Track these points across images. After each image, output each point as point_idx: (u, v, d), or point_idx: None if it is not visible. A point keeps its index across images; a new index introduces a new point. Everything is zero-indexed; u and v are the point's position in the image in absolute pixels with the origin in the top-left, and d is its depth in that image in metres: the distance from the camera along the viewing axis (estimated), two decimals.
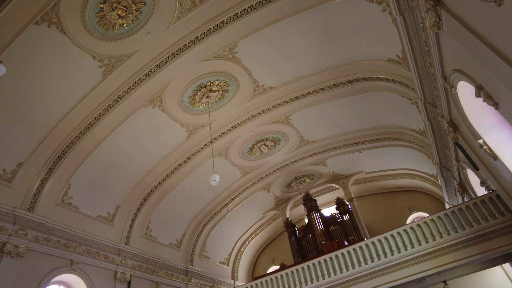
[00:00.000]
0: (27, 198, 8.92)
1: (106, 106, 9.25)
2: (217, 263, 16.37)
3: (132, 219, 12.02)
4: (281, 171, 14.82)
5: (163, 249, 13.31)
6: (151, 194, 12.28)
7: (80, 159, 9.86)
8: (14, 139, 8.57)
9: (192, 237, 14.70)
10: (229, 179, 14.10)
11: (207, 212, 14.81)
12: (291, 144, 13.28)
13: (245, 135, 12.23)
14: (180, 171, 12.30)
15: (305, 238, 15.20)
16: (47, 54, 7.74)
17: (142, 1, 7.44)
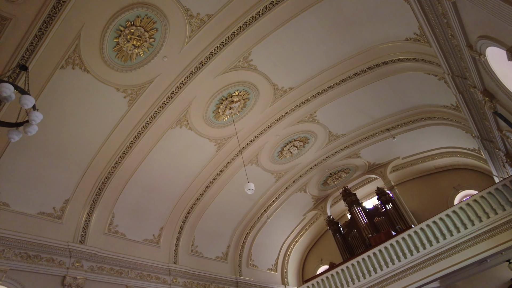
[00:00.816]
0: (78, 232, 9.42)
1: (136, 133, 9.63)
2: (266, 270, 16.34)
3: (177, 238, 12.30)
4: (314, 170, 14.64)
5: (211, 263, 13.49)
6: (191, 211, 12.53)
7: (119, 187, 10.29)
8: (58, 178, 9.12)
9: (236, 248, 14.80)
10: (264, 185, 14.11)
11: (247, 221, 14.87)
12: (320, 141, 13.10)
13: (273, 140, 12.23)
14: (215, 184, 12.48)
15: (351, 234, 14.86)
16: (75, 94, 8.21)
17: (153, 28, 7.72)
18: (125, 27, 7.53)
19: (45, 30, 6.80)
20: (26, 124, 4.64)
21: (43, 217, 8.93)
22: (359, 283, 10.64)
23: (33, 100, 4.44)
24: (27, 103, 4.39)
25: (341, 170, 15.54)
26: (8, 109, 7.46)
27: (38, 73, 7.40)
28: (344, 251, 14.69)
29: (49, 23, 6.73)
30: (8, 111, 7.47)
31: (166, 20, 7.63)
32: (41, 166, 8.77)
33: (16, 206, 8.48)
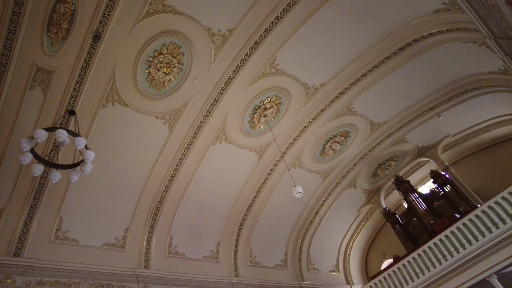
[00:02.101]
0: (141, 257, 9.88)
1: (180, 155, 10.00)
2: (328, 272, 15.99)
3: (234, 251, 12.46)
4: (361, 163, 14.20)
5: (271, 271, 13.46)
6: (243, 223, 12.66)
7: (173, 209, 10.70)
8: (116, 209, 9.70)
9: (294, 253, 14.67)
10: (311, 186, 13.91)
11: (301, 225, 14.72)
12: (362, 132, 12.71)
13: (313, 139, 12.07)
14: (262, 193, 12.52)
15: (411, 223, 14.13)
16: (119, 128, 8.74)
17: (180, 52, 8.02)
18: (154, 57, 7.92)
19: (84, 75, 7.35)
20: (81, 164, 5.00)
21: (108, 247, 9.49)
22: (429, 274, 10.02)
23: (84, 140, 4.78)
24: (80, 144, 4.73)
25: (390, 158, 14.92)
26: (63, 152, 8.09)
27: (84, 114, 7.99)
28: (407, 242, 13.98)
29: (86, 68, 7.27)
30: (64, 154, 8.11)
31: (190, 43, 7.91)
32: (99, 200, 9.39)
33: (84, 241, 9.11)
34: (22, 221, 8.26)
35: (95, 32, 6.85)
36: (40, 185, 8.34)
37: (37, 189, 8.32)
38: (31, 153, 4.79)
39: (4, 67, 6.83)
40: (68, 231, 8.94)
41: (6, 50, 6.67)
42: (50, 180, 5.14)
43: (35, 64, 7.03)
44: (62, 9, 6.52)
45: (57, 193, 8.68)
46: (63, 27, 6.72)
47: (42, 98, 7.47)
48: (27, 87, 7.22)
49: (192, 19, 7.52)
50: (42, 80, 7.28)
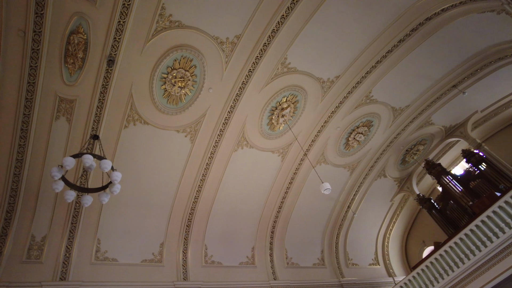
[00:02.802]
0: (179, 270, 10.04)
1: (205, 165, 10.13)
2: (367, 266, 15.62)
3: (270, 254, 12.42)
4: (388, 151, 13.82)
5: (310, 271, 13.31)
6: (275, 226, 12.62)
7: (204, 220, 10.83)
8: (149, 225, 9.94)
9: (330, 250, 14.44)
10: (339, 181, 13.68)
11: (334, 222, 14.49)
12: (385, 120, 12.38)
13: (335, 133, 11.89)
14: (290, 193, 12.44)
15: (448, 207, 13.56)
16: (143, 146, 8.97)
17: (192, 65, 8.15)
18: (168, 73, 8.09)
19: (103, 99, 7.61)
20: (110, 185, 5.16)
21: (147, 263, 9.72)
22: (476, 258, 9.54)
23: (110, 163, 4.94)
24: (106, 167, 4.89)
25: (417, 143, 14.45)
26: (93, 176, 8.40)
27: (108, 137, 8.27)
28: (446, 227, 13.42)
29: (104, 92, 7.53)
30: (94, 177, 8.41)
31: (200, 55, 8.02)
32: (132, 218, 9.65)
33: (123, 259, 9.37)
34: (64, 246, 8.62)
35: (109, 57, 7.09)
36: (76, 210, 8.69)
37: (73, 214, 8.69)
38: (63, 180, 5.00)
39: (31, 102, 7.20)
40: (107, 252, 9.24)
41: (30, 86, 7.04)
42: (83, 205, 5.34)
43: (57, 96, 7.38)
44: (76, 39, 6.80)
45: (92, 216, 9.02)
46: (79, 57, 7.00)
47: (68, 126, 7.81)
48: (53, 118, 7.59)
49: (200, 31, 7.63)
50: (65, 110, 7.62)
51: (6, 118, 7.38)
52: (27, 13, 6.32)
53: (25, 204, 8.31)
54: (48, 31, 6.57)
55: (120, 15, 6.75)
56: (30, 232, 8.45)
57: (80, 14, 6.62)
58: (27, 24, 6.42)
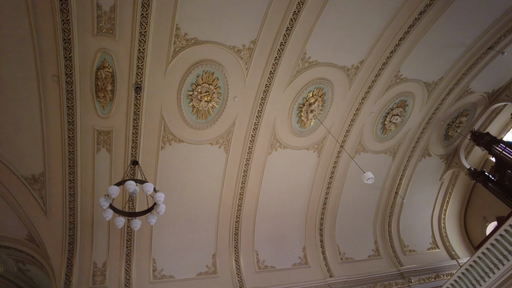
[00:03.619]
0: (234, 279, 10.18)
1: (242, 173, 10.24)
2: (426, 251, 14.90)
3: (322, 252, 12.24)
4: (428, 129, 13.15)
5: (366, 264, 12.94)
6: (322, 223, 12.43)
7: (250, 226, 10.92)
8: (199, 239, 10.22)
9: (384, 240, 13.96)
10: (382, 168, 13.22)
11: (383, 210, 14.01)
12: (419, 97, 11.81)
13: (369, 120, 11.52)
14: (333, 188, 12.20)
15: (505, 177, 12.60)
16: (181, 164, 9.28)
17: (214, 78, 8.31)
18: (193, 90, 8.30)
19: (137, 126, 7.98)
20: (155, 206, 5.37)
21: (202, 276, 9.96)
22: None
23: (151, 185, 5.15)
24: (149, 189, 5.10)
25: (458, 115, 13.62)
26: (140, 199, 8.79)
27: (147, 161, 8.64)
28: (507, 198, 12.47)
29: (137, 119, 7.90)
30: (140, 201, 8.80)
31: (221, 67, 8.16)
32: (182, 234, 9.96)
33: (179, 275, 9.68)
34: (123, 269, 9.08)
35: (136, 85, 7.44)
36: (128, 234, 9.14)
37: (127, 238, 9.14)
38: (111, 208, 5.28)
39: (73, 139, 7.71)
40: (163, 270, 9.59)
41: (70, 125, 7.55)
42: (133, 228, 5.61)
43: (95, 129, 7.84)
44: (103, 74, 7.20)
45: (144, 237, 9.43)
46: (108, 89, 7.40)
47: (109, 156, 8.26)
48: (94, 151, 8.07)
49: (216, 44, 7.77)
50: (104, 141, 8.07)
51: (55, 156, 7.97)
52: (57, 59, 6.80)
53: (83, 235, 8.87)
54: (77, 71, 7.03)
55: (139, 43, 7.06)
56: (91, 259, 8.99)
57: (103, 50, 7.01)
58: (59, 69, 6.91)
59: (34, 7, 6.22)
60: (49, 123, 7.59)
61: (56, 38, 6.60)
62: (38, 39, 6.59)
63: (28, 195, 8.36)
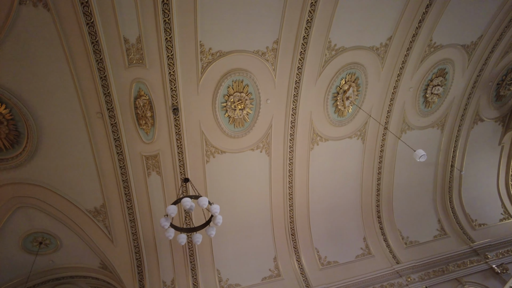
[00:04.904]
0: (299, 279, 10.13)
1: (288, 173, 10.21)
2: (498, 223, 13.85)
3: (384, 239, 11.83)
4: (476, 93, 12.30)
5: (433, 245, 12.29)
6: (379, 210, 12.03)
7: (306, 225, 10.83)
8: (257, 244, 10.35)
9: (448, 217, 13.19)
10: (432, 142, 12.55)
11: (441, 186, 13.26)
12: (459, 62, 11.10)
13: (409, 95, 11.02)
14: (384, 173, 11.78)
15: None
16: (227, 174, 9.51)
17: (244, 85, 8.41)
18: (226, 101, 8.47)
19: (181, 145, 8.31)
20: (212, 219, 5.51)
21: (267, 281, 10.02)
22: None
23: (206, 199, 5.31)
24: (204, 203, 5.26)
25: (508, 72, 12.57)
26: (197, 215, 9.08)
27: (196, 176, 8.94)
28: None
29: (179, 139, 8.24)
30: (197, 216, 9.08)
31: (248, 73, 8.24)
32: (240, 242, 10.12)
33: (245, 283, 9.84)
34: (191, 284, 9.41)
35: (173, 107, 7.74)
36: (190, 250, 9.46)
37: (189, 254, 9.47)
38: (172, 227, 5.51)
39: (124, 169, 8.17)
40: (229, 279, 9.79)
41: (120, 155, 8.00)
42: (195, 243, 5.81)
43: (142, 156, 8.25)
44: (141, 102, 7.57)
45: (205, 250, 9.70)
46: (148, 116, 7.76)
47: (160, 179, 8.64)
48: (146, 176, 8.48)
49: (240, 52, 7.87)
50: (153, 165, 8.46)
51: (111, 187, 8.49)
52: (98, 97, 7.27)
53: (149, 257, 9.32)
54: (117, 105, 7.47)
55: (168, 67, 7.35)
56: (160, 279, 9.42)
57: (137, 80, 7.39)
58: (100, 105, 7.38)
59: (72, 55, 6.72)
60: (101, 157, 8.10)
61: (94, 78, 7.06)
62: (79, 82, 7.09)
63: (94, 226, 8.96)
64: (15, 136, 7.51)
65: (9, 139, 7.52)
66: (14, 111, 7.20)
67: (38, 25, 6.32)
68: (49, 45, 6.57)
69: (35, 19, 6.25)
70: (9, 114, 7.22)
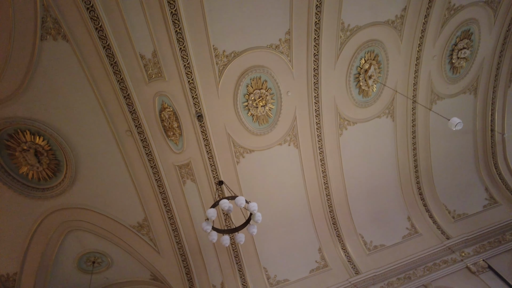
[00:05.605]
0: (347, 266, 9.99)
1: (320, 162, 10.06)
2: None
3: (429, 216, 11.41)
4: (507, 50, 11.52)
5: (483, 216, 11.68)
6: (420, 186, 11.60)
7: (346, 212, 10.64)
8: (300, 237, 10.33)
9: (496, 184, 12.46)
10: (466, 109, 11.94)
11: (482, 153, 12.57)
12: (484, 20, 10.45)
13: (434, 64, 10.54)
14: (420, 147, 11.33)
15: None
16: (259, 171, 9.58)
17: (263, 81, 8.39)
18: (247, 100, 8.50)
19: (210, 150, 8.47)
20: (252, 216, 5.54)
21: (315, 272, 9.96)
22: None
23: (242, 198, 5.34)
24: (242, 203, 5.30)
25: None
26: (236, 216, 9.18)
27: (229, 177, 9.06)
28: None
29: (208, 144, 8.38)
30: (236, 217, 9.18)
31: (265, 68, 8.22)
32: (282, 237, 10.12)
33: (293, 277, 9.84)
34: (240, 285, 9.53)
35: (197, 114, 7.88)
36: (234, 251, 9.58)
37: (234, 255, 9.58)
38: (214, 230, 5.59)
39: (160, 181, 8.42)
40: (277, 276, 9.82)
41: (154, 169, 8.27)
42: (238, 243, 5.87)
43: (175, 166, 8.45)
44: (166, 115, 7.76)
45: (249, 250, 9.78)
46: (175, 126, 7.94)
47: (195, 185, 8.82)
48: (181, 185, 8.69)
49: (254, 49, 7.86)
50: (187, 173, 8.65)
51: (149, 201, 8.77)
52: (124, 115, 7.53)
53: (195, 263, 9.53)
54: (144, 121, 7.72)
55: (186, 75, 7.47)
56: (210, 283, 9.60)
57: (158, 93, 7.58)
58: (128, 123, 7.63)
59: (94, 79, 7.04)
60: (136, 173, 8.38)
61: (118, 98, 7.32)
62: (105, 104, 7.37)
63: (140, 240, 9.27)
64: (55, 165, 7.93)
65: (50, 168, 7.95)
66: (51, 142, 7.61)
67: (60, 57, 6.64)
68: (73, 74, 6.88)
69: (57, 52, 6.56)
70: (47, 145, 7.64)
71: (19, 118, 7.17)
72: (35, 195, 8.23)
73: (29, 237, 8.67)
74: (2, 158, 7.62)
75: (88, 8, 6.20)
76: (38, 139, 7.53)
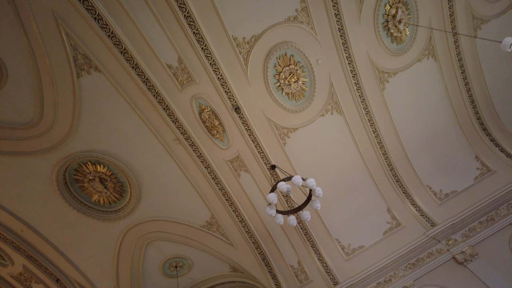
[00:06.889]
0: (421, 221, 9.61)
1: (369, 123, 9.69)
2: None
3: (501, 150, 10.53)
4: None
5: None
6: (481, 121, 10.69)
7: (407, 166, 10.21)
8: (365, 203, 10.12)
9: None
10: None
11: None
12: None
13: None
14: (472, 81, 10.35)
15: None
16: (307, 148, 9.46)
17: (290, 56, 8.22)
18: (278, 80, 8.39)
19: (254, 138, 8.52)
20: (312, 192, 5.54)
21: (389, 233, 9.76)
22: None
23: (299, 176, 5.36)
24: (299, 181, 5.33)
25: None
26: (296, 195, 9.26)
27: (279, 160, 9.06)
28: None
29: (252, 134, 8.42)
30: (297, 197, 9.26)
31: (289, 43, 8.03)
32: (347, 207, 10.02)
33: (368, 242, 9.78)
34: (317, 260, 9.64)
35: (233, 107, 7.97)
36: (303, 229, 9.68)
37: (304, 233, 9.69)
38: (278, 213, 5.69)
39: (217, 179, 8.76)
40: (351, 244, 9.78)
41: (208, 169, 8.55)
42: (305, 220, 5.91)
43: (226, 161, 8.77)
44: (205, 115, 7.98)
45: (317, 226, 9.81)
46: (217, 125, 8.14)
47: (249, 176, 9.05)
48: (237, 177, 9.02)
49: (272, 27, 7.68)
50: (239, 166, 8.95)
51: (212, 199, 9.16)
52: (168, 126, 7.89)
53: (268, 248, 9.80)
54: (187, 126, 8.02)
55: (214, 72, 7.56)
56: (287, 264, 9.83)
57: (194, 97, 7.78)
58: (174, 132, 7.99)
59: (132, 100, 7.45)
60: (193, 176, 8.77)
61: (158, 111, 7.66)
62: (148, 120, 7.76)
63: (213, 238, 9.74)
64: (120, 187, 8.56)
65: (116, 191, 8.60)
66: (111, 167, 8.20)
67: (98, 87, 7.06)
68: (113, 100, 7.30)
69: (94, 83, 6.99)
70: (108, 171, 8.26)
71: (79, 153, 7.82)
72: (110, 218, 8.98)
73: (115, 256, 9.53)
74: (76, 192, 8.38)
75: (110, 36, 6.49)
76: (99, 167, 8.16)
